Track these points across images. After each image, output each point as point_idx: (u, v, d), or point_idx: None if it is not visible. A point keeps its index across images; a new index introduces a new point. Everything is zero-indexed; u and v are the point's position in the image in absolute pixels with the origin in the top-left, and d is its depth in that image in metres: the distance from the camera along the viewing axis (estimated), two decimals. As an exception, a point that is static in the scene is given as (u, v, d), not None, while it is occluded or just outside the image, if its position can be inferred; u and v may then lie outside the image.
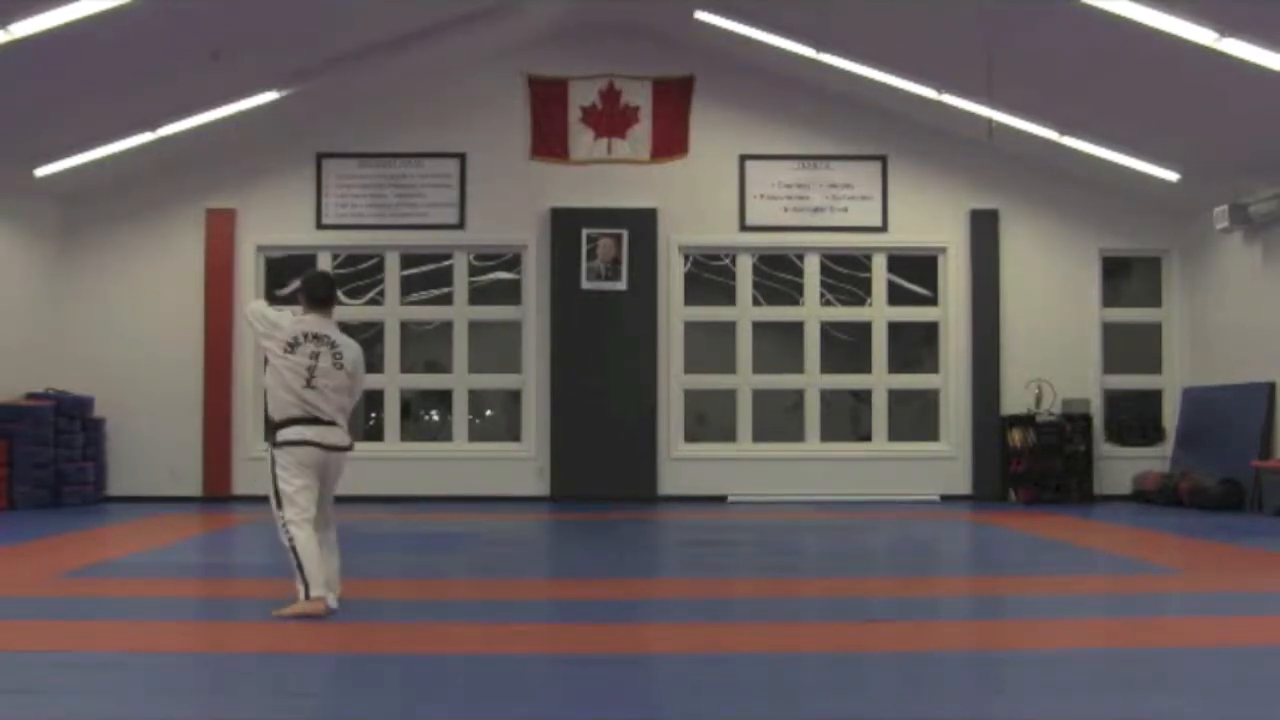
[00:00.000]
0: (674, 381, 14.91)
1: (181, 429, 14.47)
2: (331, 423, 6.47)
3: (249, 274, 14.80)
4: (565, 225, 14.71)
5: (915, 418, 15.40)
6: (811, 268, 15.17)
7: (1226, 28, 9.88)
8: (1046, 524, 11.88)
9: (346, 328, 14.92)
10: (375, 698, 4.68)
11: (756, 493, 14.63)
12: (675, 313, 14.97)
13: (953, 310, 15.05)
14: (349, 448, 6.62)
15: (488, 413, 16.07)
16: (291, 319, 6.71)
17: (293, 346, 6.49)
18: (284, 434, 6.41)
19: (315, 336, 6.55)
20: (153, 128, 13.22)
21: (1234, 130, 12.28)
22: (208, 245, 14.68)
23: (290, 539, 6.33)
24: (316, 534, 6.43)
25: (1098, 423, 14.94)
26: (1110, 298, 15.30)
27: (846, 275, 15.25)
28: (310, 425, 6.41)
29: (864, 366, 15.20)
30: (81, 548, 10.03)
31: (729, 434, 15.16)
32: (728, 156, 14.99)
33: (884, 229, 15.03)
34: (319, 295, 6.81)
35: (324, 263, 15.00)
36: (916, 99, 13.75)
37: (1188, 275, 14.99)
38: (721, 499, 14.56)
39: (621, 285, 14.67)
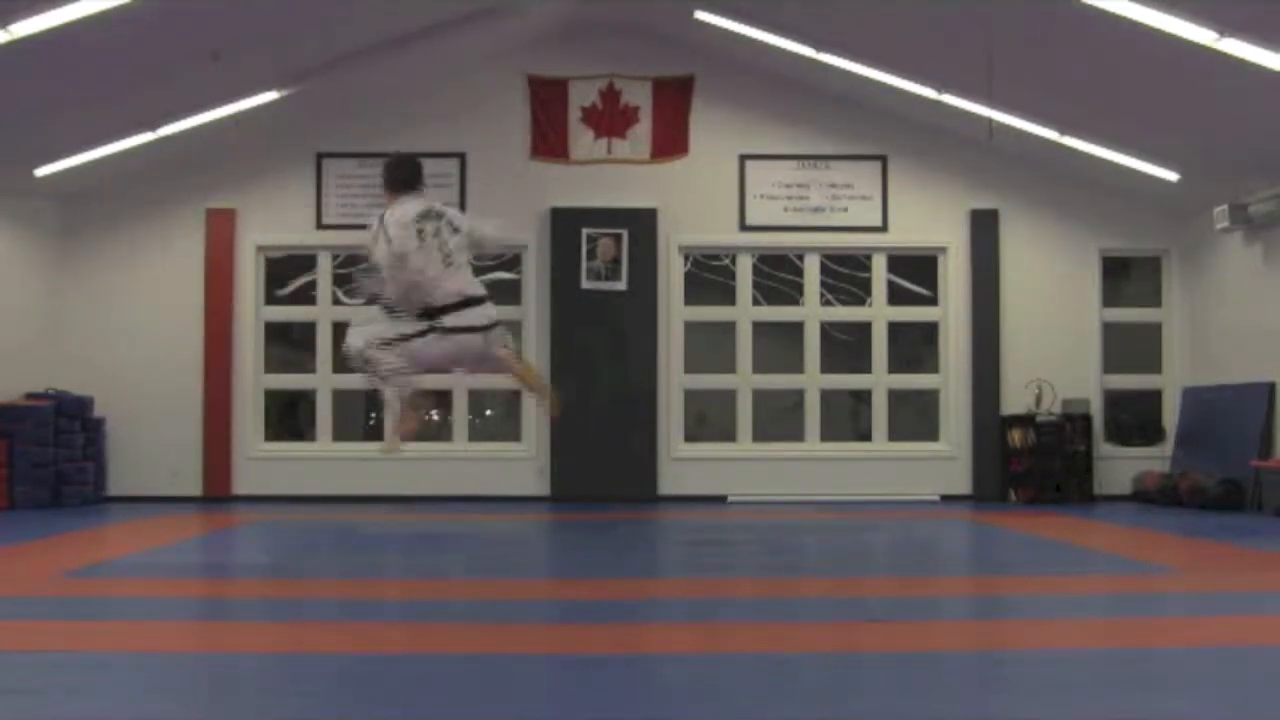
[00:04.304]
0: (674, 381, 14.91)
1: (181, 429, 14.47)
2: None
3: (249, 274, 14.81)
4: (565, 225, 14.71)
5: (915, 418, 15.40)
6: (811, 268, 15.17)
7: (1226, 28, 9.87)
8: (1046, 524, 11.88)
9: (346, 328, 15.19)
10: (376, 697, 4.67)
11: (756, 493, 14.63)
12: (675, 313, 14.97)
13: (953, 310, 15.05)
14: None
15: (488, 412, 16.07)
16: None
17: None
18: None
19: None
20: (153, 128, 13.21)
21: (1234, 130, 12.28)
22: (208, 245, 14.68)
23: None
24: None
25: (1098, 423, 14.94)
26: (1110, 298, 15.29)
27: (846, 275, 15.25)
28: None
29: (864, 366, 15.20)
30: (81, 548, 10.04)
31: (729, 434, 15.16)
32: (728, 156, 14.99)
33: (884, 229, 15.03)
34: (404, 177, 7.06)
35: (324, 263, 15.03)
36: (916, 99, 13.74)
37: (1188, 275, 14.99)
38: (721, 499, 14.56)
39: (621, 285, 14.67)
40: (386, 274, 6.83)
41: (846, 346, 15.34)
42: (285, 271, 15.17)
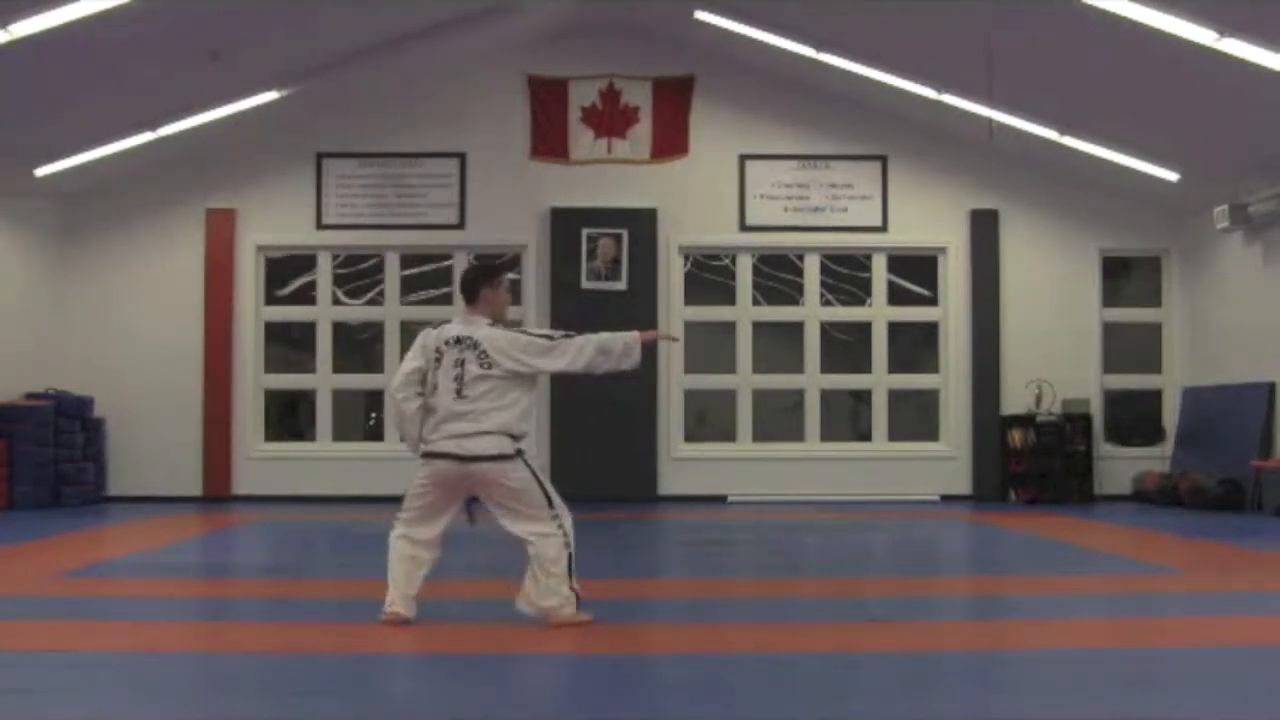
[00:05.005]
0: (674, 381, 14.91)
1: (181, 429, 14.47)
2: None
3: (249, 274, 14.80)
4: (565, 225, 14.71)
5: (915, 418, 15.40)
6: (811, 268, 15.17)
7: (1226, 28, 9.87)
8: (1046, 524, 11.88)
9: (346, 328, 15.22)
10: (375, 697, 4.67)
11: (756, 493, 14.62)
12: (675, 313, 14.96)
13: (953, 310, 15.04)
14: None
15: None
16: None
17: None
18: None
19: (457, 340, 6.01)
20: (153, 128, 13.22)
21: (1234, 130, 12.28)
22: (208, 245, 14.67)
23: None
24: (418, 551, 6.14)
25: (1098, 423, 14.93)
26: (1110, 298, 15.29)
27: (846, 275, 15.25)
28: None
29: (864, 366, 15.20)
30: (81, 548, 10.04)
31: (729, 434, 15.15)
32: (728, 156, 14.98)
33: (884, 229, 15.03)
34: (462, 290, 6.26)
35: (324, 263, 15.03)
36: (916, 99, 13.74)
37: (1188, 275, 14.99)
38: (721, 499, 14.56)
39: (621, 285, 14.66)
40: (393, 397, 6.09)
41: (846, 346, 15.34)
42: (285, 271, 15.17)
